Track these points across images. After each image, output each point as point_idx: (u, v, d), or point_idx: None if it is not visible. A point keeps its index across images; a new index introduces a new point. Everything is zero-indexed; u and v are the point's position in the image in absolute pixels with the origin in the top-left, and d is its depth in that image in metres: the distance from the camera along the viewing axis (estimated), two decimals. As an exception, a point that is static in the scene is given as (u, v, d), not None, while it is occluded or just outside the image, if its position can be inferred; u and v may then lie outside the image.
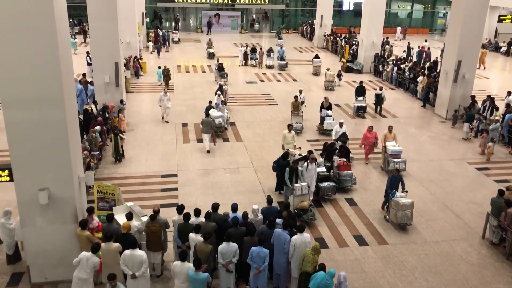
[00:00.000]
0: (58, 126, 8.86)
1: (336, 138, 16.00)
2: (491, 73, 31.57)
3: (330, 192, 13.50)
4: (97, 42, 18.33)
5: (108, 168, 15.15)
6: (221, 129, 17.94)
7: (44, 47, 8.42)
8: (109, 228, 9.37)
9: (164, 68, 24.61)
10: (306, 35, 43.69)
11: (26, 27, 8.25)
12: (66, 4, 9.39)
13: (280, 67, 30.20)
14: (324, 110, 18.88)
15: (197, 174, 14.95)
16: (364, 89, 21.60)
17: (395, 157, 15.06)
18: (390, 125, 16.05)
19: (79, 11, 41.87)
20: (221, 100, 18.93)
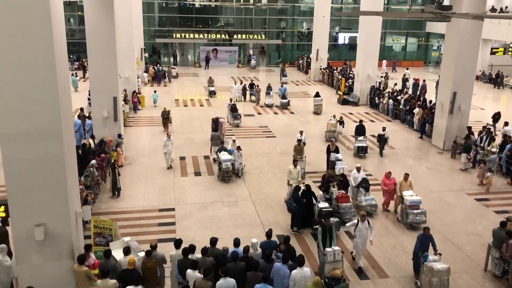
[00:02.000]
0: (55, 161, 8.85)
1: (356, 185, 14.89)
2: (486, 104, 31.91)
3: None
4: (96, 77, 18.54)
5: (105, 203, 15.03)
6: (228, 174, 16.87)
7: (44, 82, 8.52)
8: (106, 264, 9.21)
9: (163, 110, 23.19)
10: (302, 69, 44.32)
11: (26, 63, 8.37)
12: (66, 41, 9.55)
13: (282, 106, 28.68)
14: (333, 154, 17.46)
15: (195, 208, 14.83)
16: (364, 128, 20.84)
17: (414, 208, 13.68)
18: (406, 173, 14.65)
19: (78, 47, 42.52)
20: (237, 146, 17.65)
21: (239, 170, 17.20)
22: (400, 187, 14.37)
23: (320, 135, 23.40)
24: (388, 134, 20.25)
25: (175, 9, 47.92)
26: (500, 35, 37.94)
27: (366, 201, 14.46)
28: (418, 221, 13.55)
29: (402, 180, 14.45)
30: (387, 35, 49.61)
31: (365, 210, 13.87)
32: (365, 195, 14.57)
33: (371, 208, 14.40)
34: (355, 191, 14.91)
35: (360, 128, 20.80)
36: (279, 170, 17.87)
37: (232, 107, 24.84)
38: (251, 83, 31.56)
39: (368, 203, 14.44)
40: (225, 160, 16.93)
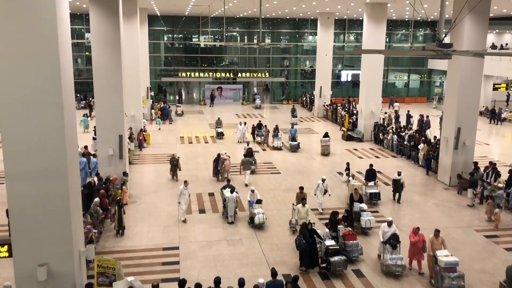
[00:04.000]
0: (60, 200, 8.86)
1: (384, 241, 13.26)
2: (490, 139, 31.90)
3: (342, 267, 12.90)
4: (102, 116, 18.75)
5: (109, 242, 14.88)
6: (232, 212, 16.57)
7: (51, 121, 8.63)
8: (108, 305, 9.05)
9: (172, 157, 21.44)
10: (306, 106, 44.73)
11: (34, 101, 8.52)
12: (73, 80, 9.74)
13: (291, 149, 27.03)
14: (356, 204, 16.07)
15: (199, 247, 14.65)
16: (374, 172, 19.52)
17: (451, 270, 12.03)
18: (437, 229, 13.04)
19: (85, 86, 43.25)
20: (257, 199, 16.39)
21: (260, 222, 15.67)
22: (431, 245, 12.72)
23: (326, 171, 23.36)
24: (403, 179, 18.80)
25: (181, 49, 49.01)
26: (502, 71, 38.36)
27: (392, 260, 12.79)
28: (455, 286, 11.90)
29: (432, 237, 12.83)
30: (389, 72, 50.28)
31: (391, 270, 12.71)
32: (392, 253, 12.97)
33: (397, 269, 12.68)
34: (381, 247, 13.38)
35: (370, 172, 19.47)
36: (285, 207, 17.74)
37: (248, 151, 23.12)
38: (259, 124, 30.16)
39: (394, 262, 12.74)
40: (229, 197, 16.66)
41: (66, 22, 9.32)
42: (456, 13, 19.11)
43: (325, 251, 13.04)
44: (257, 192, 16.67)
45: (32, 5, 8.32)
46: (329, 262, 12.84)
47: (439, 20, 8.09)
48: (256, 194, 16.53)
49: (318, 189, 17.49)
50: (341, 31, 47.38)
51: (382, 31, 29.46)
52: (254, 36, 48.29)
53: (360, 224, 15.43)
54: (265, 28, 47.78)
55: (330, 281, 12.71)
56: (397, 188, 18.72)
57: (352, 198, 16.39)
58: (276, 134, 27.75)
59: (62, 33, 8.84)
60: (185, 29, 47.93)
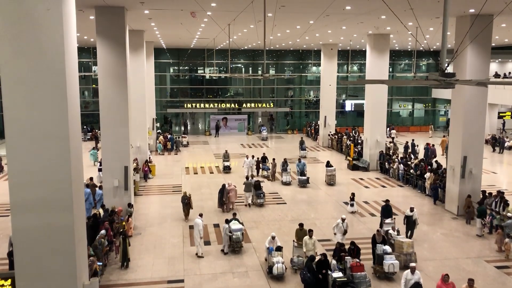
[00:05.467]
0: (65, 232, 8.83)
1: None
2: (497, 167, 31.69)
3: None
4: (108, 147, 18.83)
5: (113, 274, 14.71)
6: (239, 244, 16.40)
7: (57, 153, 8.69)
8: None
9: (183, 195, 20.29)
10: (311, 135, 44.84)
11: (41, 134, 8.60)
12: (79, 112, 9.85)
13: (301, 184, 25.68)
14: (379, 246, 14.76)
15: (205, 279, 14.43)
16: (391, 209, 18.55)
17: None
18: (471, 279, 11.96)
19: (91, 118, 43.69)
20: (277, 246, 15.08)
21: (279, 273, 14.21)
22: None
23: (332, 201, 23.21)
24: (416, 215, 17.70)
25: (186, 80, 49.69)
26: (506, 99, 38.47)
27: None
28: None
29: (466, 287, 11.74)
30: (393, 101, 50.54)
31: None
32: None
33: None
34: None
35: (386, 208, 18.44)
36: (290, 238, 17.47)
37: (256, 184, 22.66)
38: (263, 157, 29.18)
39: None
40: (235, 229, 16.47)
41: (74, 55, 9.50)
42: (458, 43, 19.37)
43: (332, 283, 12.81)
44: (277, 239, 15.30)
45: (41, 39, 8.51)
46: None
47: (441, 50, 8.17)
48: (276, 241, 15.17)
49: (338, 228, 16.53)
50: (344, 61, 47.94)
51: (385, 61, 29.76)
52: (258, 67, 48.97)
53: (383, 268, 14.27)
54: (269, 60, 48.46)
55: (338, 315, 12.43)
56: (410, 224, 17.58)
57: (374, 240, 15.12)
58: (285, 168, 26.48)
59: (70, 66, 9.01)
60: (190, 61, 48.72)
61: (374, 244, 14.95)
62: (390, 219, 17.85)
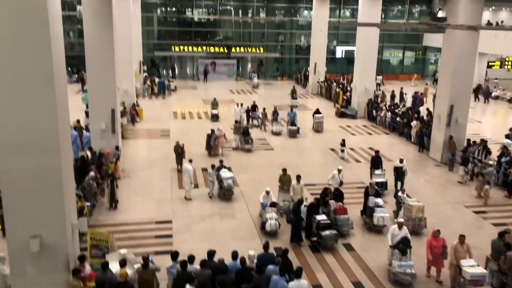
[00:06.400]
0: (52, 173, 8.85)
1: (393, 245, 11.96)
2: (483, 117, 32.08)
3: (333, 241, 13.07)
4: (94, 90, 18.60)
5: (102, 215, 14.97)
6: (230, 192, 16.36)
7: (41, 94, 8.55)
8: (103, 276, 9.13)
9: (176, 144, 19.54)
10: (300, 82, 44.53)
11: (24, 74, 8.41)
12: (64, 53, 9.60)
13: (291, 134, 25.15)
14: (371, 199, 14.56)
15: (193, 221, 14.78)
16: (381, 160, 18.18)
17: (477, 284, 10.60)
18: (462, 235, 11.60)
19: (77, 60, 42.60)
20: (272, 202, 14.61)
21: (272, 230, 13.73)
22: (455, 252, 11.33)
23: (319, 148, 23.47)
24: (406, 166, 17.42)
25: (174, 23, 48.24)
26: (497, 49, 38.28)
27: (400, 267, 11.41)
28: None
29: (457, 244, 11.43)
30: (384, 49, 49.97)
31: (398, 279, 11.38)
32: (401, 259, 11.59)
33: (405, 278, 11.32)
34: (390, 252, 12.10)
35: (377, 159, 18.11)
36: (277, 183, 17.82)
37: (244, 130, 22.76)
38: (253, 105, 28.15)
39: (402, 270, 11.36)
40: (226, 177, 16.32)
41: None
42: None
43: (316, 226, 13.21)
44: (272, 195, 14.86)
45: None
46: (321, 236, 13.01)
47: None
48: (271, 196, 14.70)
49: (333, 179, 16.35)
50: (336, 6, 46.81)
51: (377, 6, 29.12)
52: (248, 10, 47.61)
53: (373, 221, 14.18)
54: (259, 2, 47.08)
55: (321, 254, 12.93)
56: (399, 176, 17.35)
57: (367, 192, 14.88)
58: (275, 118, 25.96)
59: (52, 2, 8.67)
60: (178, 2, 47.12)
61: (366, 197, 14.78)
62: (380, 170, 17.74)
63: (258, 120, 27.04)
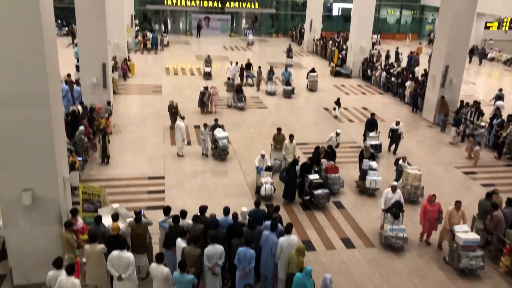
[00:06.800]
0: (43, 126, 8.73)
1: (386, 208, 11.75)
2: (477, 79, 31.96)
3: (325, 200, 13.22)
4: (84, 43, 18.15)
5: (94, 170, 14.98)
6: (225, 152, 16.12)
7: (30, 45, 8.32)
8: (96, 230, 9.21)
9: (170, 104, 18.98)
10: (296, 39, 43.83)
11: (11, 25, 8.14)
12: (52, 4, 9.27)
13: (285, 94, 24.58)
14: (365, 161, 14.35)
15: (185, 177, 14.84)
16: (376, 123, 17.83)
17: (470, 249, 10.44)
18: (458, 201, 11.44)
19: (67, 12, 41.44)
20: (267, 166, 14.10)
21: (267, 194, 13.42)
22: (449, 218, 11.24)
23: (312, 107, 23.39)
24: (402, 129, 17.27)
25: (167, -26, 46.71)
26: (495, 9, 37.64)
27: (392, 231, 11.30)
28: (473, 266, 10.45)
29: (452, 209, 11.30)
30: (381, 7, 49.03)
31: (390, 243, 11.35)
32: (393, 223, 11.43)
33: (397, 241, 11.26)
34: (382, 215, 11.93)
35: (372, 122, 17.81)
36: (270, 141, 17.82)
37: (237, 88, 22.33)
38: (248, 64, 27.44)
39: (394, 234, 11.27)
40: (221, 137, 16.09)
41: None
42: None
43: (309, 185, 13.32)
44: (267, 158, 14.53)
45: None
46: (313, 195, 13.14)
47: None
48: (266, 160, 14.32)
49: (331, 141, 16.03)
50: (334, -39, 45.51)
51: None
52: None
53: (365, 184, 14.09)
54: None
55: (311, 212, 13.12)
56: (394, 138, 17.27)
57: (362, 155, 14.71)
58: (270, 77, 25.24)
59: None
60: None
61: (361, 160, 14.62)
62: (374, 133, 17.53)
63: (253, 79, 26.42)
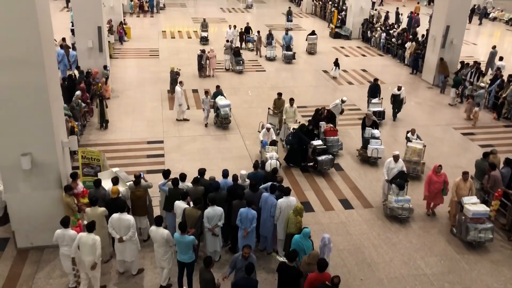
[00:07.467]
0: (38, 90, 8.65)
1: (389, 179, 11.40)
2: (478, 39, 31.51)
3: (328, 165, 13.14)
4: (79, 6, 17.81)
5: (93, 135, 14.97)
6: (227, 121, 15.68)
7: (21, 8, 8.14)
8: (96, 193, 9.29)
9: (172, 70, 18.35)
10: (295, 1, 42.93)
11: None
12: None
13: (286, 59, 23.74)
14: (368, 130, 13.99)
15: (184, 141, 14.86)
16: (379, 88, 17.32)
17: (478, 221, 10.10)
18: (466, 171, 10.97)
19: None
20: (272, 140, 13.15)
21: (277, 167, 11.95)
22: (457, 189, 10.76)
23: (311, 69, 23.14)
24: (404, 94, 16.86)
25: None
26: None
27: (397, 202, 10.91)
28: (482, 239, 10.13)
29: (459, 180, 10.80)
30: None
31: (395, 214, 10.98)
32: (398, 194, 11.02)
33: (403, 212, 10.93)
34: (386, 186, 11.58)
35: (375, 88, 17.25)
36: (268, 105, 17.72)
37: (235, 51, 21.94)
38: (247, 27, 26.59)
39: (400, 205, 10.91)
40: (223, 105, 15.64)
41: None
42: None
43: (312, 151, 13.23)
44: (272, 131, 13.72)
45: None
46: (317, 160, 13.07)
47: None
48: (271, 133, 13.53)
49: (336, 108, 15.52)
50: None
51: None
52: None
53: (367, 152, 13.71)
54: None
55: (310, 174, 13.19)
56: (396, 103, 16.87)
57: (364, 123, 14.34)
58: (270, 42, 24.45)
59: None
60: None
61: (363, 128, 14.26)
62: (377, 99, 17.01)
63: (253, 43, 25.70)
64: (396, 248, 10.21)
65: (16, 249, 9.59)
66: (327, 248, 8.70)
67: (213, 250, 9.29)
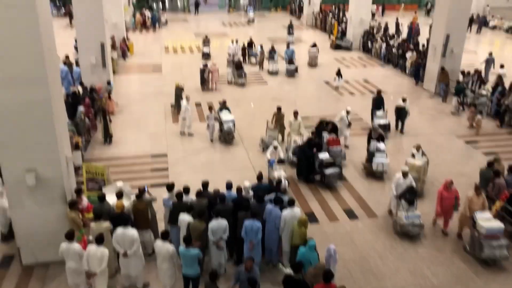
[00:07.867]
0: (42, 106, 8.74)
1: (398, 195, 11.10)
2: (478, 47, 31.60)
3: (336, 178, 12.93)
4: (82, 23, 18.05)
5: (97, 149, 15.05)
6: (230, 136, 15.54)
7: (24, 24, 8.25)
8: (101, 208, 9.32)
9: (177, 86, 18.23)
10: (295, 13, 43.27)
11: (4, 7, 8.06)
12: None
13: (288, 74, 23.50)
14: (373, 143, 13.72)
15: (188, 154, 14.91)
16: (383, 100, 16.90)
17: (493, 238, 9.71)
18: (478, 186, 10.73)
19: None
20: (279, 158, 13.08)
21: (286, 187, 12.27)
22: (469, 204, 10.43)
23: (314, 80, 23.22)
24: (408, 106, 16.58)
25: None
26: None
27: (408, 218, 10.58)
28: (497, 256, 9.77)
29: (472, 196, 10.49)
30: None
31: (405, 230, 10.68)
32: (408, 210, 10.70)
33: (413, 229, 10.63)
34: (394, 202, 11.33)
35: (379, 100, 16.89)
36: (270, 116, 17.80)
37: (237, 64, 21.88)
38: (250, 42, 26.50)
39: (410, 221, 10.60)
40: (226, 120, 15.49)
41: None
42: None
43: (319, 164, 13.16)
44: (280, 149, 13.37)
45: None
46: (324, 174, 12.97)
47: None
48: (279, 151, 13.20)
49: (342, 121, 15.22)
50: None
51: None
52: None
53: (372, 167, 13.46)
54: None
55: (314, 185, 13.16)
56: (401, 116, 16.55)
57: (370, 136, 14.14)
58: (272, 56, 24.07)
59: None
60: None
61: (369, 141, 14.10)
62: (382, 111, 16.73)
63: (256, 57, 25.58)
64: (402, 258, 10.15)
65: (21, 266, 9.60)
66: (333, 259, 8.67)
67: (218, 262, 9.26)
